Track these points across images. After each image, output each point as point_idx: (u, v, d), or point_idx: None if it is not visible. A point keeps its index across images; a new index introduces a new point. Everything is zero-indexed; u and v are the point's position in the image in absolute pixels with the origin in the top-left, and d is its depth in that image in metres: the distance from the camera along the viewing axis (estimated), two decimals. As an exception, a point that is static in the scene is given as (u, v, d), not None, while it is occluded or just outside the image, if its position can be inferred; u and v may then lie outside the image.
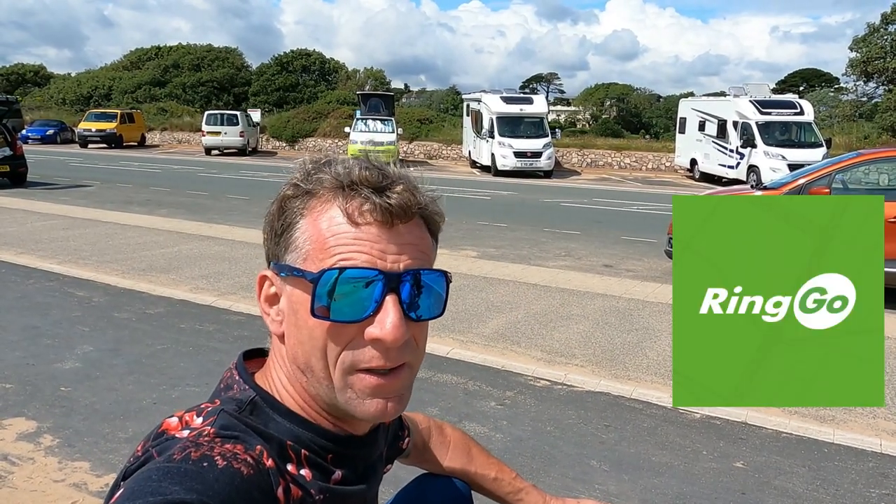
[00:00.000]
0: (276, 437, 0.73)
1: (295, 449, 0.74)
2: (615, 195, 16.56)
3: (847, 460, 3.26)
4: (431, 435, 1.22)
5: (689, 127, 21.42)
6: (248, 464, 0.65)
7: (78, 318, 5.15)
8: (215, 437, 0.68)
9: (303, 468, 0.73)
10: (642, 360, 4.53)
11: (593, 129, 42.41)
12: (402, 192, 0.73)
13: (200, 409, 0.73)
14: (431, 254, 0.78)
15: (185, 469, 0.62)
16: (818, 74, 49.84)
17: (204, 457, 0.64)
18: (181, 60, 42.70)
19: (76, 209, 10.68)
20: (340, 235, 0.70)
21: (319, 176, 0.73)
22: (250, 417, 0.73)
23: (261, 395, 0.76)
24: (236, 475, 0.63)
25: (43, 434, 3.29)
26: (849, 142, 22.25)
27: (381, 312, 0.70)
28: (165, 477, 0.61)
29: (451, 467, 1.22)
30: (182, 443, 0.66)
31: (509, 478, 1.24)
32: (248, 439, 0.69)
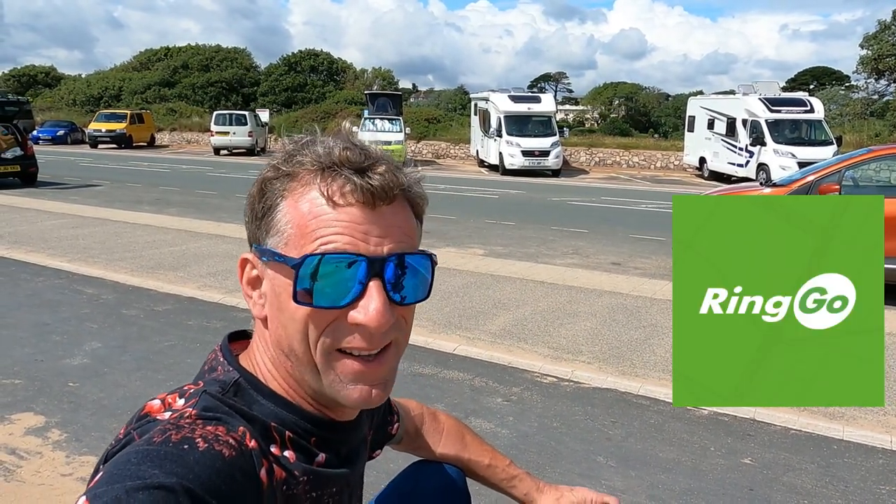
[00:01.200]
0: (259, 418, 0.72)
1: (279, 430, 0.73)
2: (623, 193, 16.50)
3: (857, 457, 3.23)
4: (424, 421, 1.22)
5: (698, 125, 21.32)
6: (229, 445, 0.64)
7: (87, 315, 5.18)
8: (197, 419, 0.67)
9: (287, 449, 0.73)
10: (650, 356, 4.51)
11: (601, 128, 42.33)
12: (384, 172, 0.70)
13: (183, 390, 0.73)
14: (416, 236, 0.75)
15: (164, 452, 0.61)
16: (829, 72, 49.50)
17: (185, 439, 0.63)
18: (190, 61, 42.93)
19: (86, 208, 10.75)
20: (322, 218, 0.68)
21: (300, 157, 0.72)
22: (234, 399, 0.72)
23: (245, 377, 0.75)
24: (217, 457, 0.62)
25: (51, 429, 3.31)
26: (860, 140, 22.08)
27: (364, 297, 0.69)
28: (145, 460, 0.60)
29: (445, 454, 1.22)
30: (163, 425, 0.65)
31: (503, 465, 1.24)
32: (231, 421, 0.68)
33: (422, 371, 4.11)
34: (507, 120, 20.92)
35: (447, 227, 10.30)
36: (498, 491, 1.25)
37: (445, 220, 10.92)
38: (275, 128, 31.31)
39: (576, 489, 1.22)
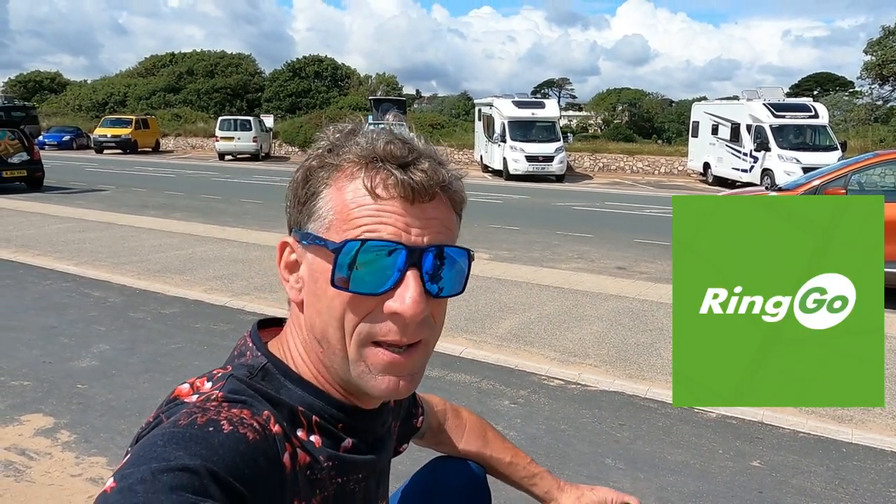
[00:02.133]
0: (286, 402, 0.72)
1: (306, 415, 0.73)
2: (627, 199, 16.50)
3: (866, 460, 3.22)
4: (447, 417, 1.22)
5: (702, 131, 21.33)
6: (253, 429, 0.65)
7: (94, 317, 5.19)
8: (223, 402, 0.67)
9: (313, 434, 0.73)
10: (657, 360, 4.51)
11: (605, 133, 42.32)
12: (426, 169, 0.72)
13: (212, 374, 0.74)
14: (455, 231, 0.77)
15: (190, 434, 0.62)
16: (832, 78, 49.48)
17: (210, 421, 0.63)
18: (195, 67, 43.12)
19: (92, 213, 10.79)
20: (364, 207, 0.70)
21: (346, 147, 0.73)
22: (262, 383, 0.73)
23: (273, 363, 0.75)
24: (241, 440, 0.63)
25: (60, 430, 3.32)
26: (864, 145, 22.05)
27: (401, 286, 0.69)
28: (170, 442, 0.61)
29: (467, 450, 1.22)
30: (189, 408, 0.66)
31: (524, 462, 1.24)
32: (256, 405, 0.69)
33: (429, 373, 4.11)
34: (512, 125, 20.96)
35: (452, 231, 10.31)
36: (518, 489, 1.25)
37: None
38: (279, 133, 31.40)
39: (596, 488, 1.22)
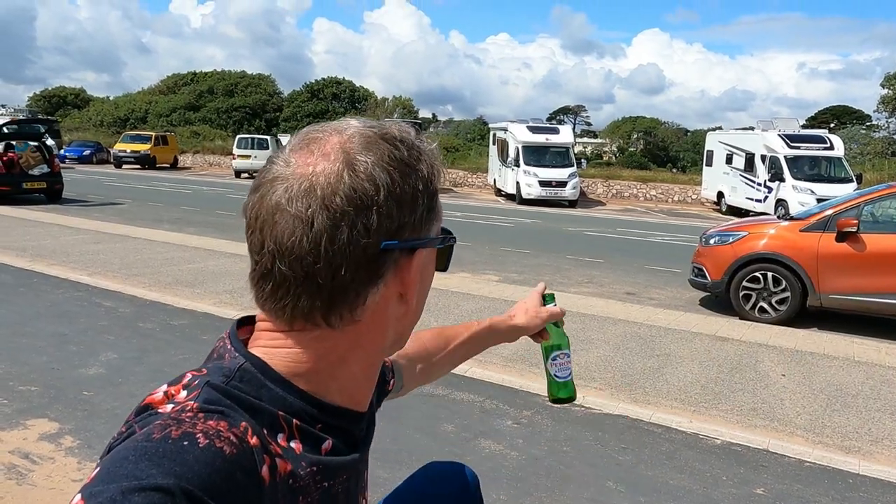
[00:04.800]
0: (266, 408, 0.69)
1: (286, 419, 0.70)
2: (640, 225, 16.47)
3: (873, 492, 3.17)
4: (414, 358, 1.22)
5: (717, 160, 21.31)
6: (230, 442, 0.62)
7: (104, 326, 5.24)
8: (198, 413, 0.64)
9: (293, 440, 0.71)
10: (663, 385, 4.47)
11: (620, 161, 42.36)
12: None
13: (187, 382, 0.70)
14: None
15: (164, 449, 0.59)
16: (849, 111, 49.35)
17: (185, 435, 0.60)
18: (215, 86, 43.82)
19: (107, 225, 10.93)
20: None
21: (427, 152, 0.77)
22: (239, 386, 0.69)
23: (252, 362, 0.72)
24: (218, 455, 0.60)
25: (64, 435, 3.35)
26: (881, 178, 21.88)
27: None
28: (143, 457, 0.58)
29: (441, 362, 1.25)
30: (163, 419, 0.63)
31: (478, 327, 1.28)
32: (233, 415, 0.66)
33: (433, 392, 4.11)
34: (525, 150, 21.06)
35: (462, 252, 10.34)
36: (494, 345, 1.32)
37: (461, 246, 10.95)
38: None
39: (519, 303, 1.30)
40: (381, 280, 0.71)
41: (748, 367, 4.94)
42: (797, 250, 6.67)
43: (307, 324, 0.71)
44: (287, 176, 0.68)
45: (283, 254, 0.67)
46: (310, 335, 0.72)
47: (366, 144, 0.70)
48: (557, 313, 1.29)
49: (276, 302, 0.70)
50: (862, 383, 4.67)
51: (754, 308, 6.81)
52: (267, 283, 0.70)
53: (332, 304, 0.70)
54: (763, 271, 6.79)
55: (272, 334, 0.74)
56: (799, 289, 6.60)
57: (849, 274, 6.42)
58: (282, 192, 0.67)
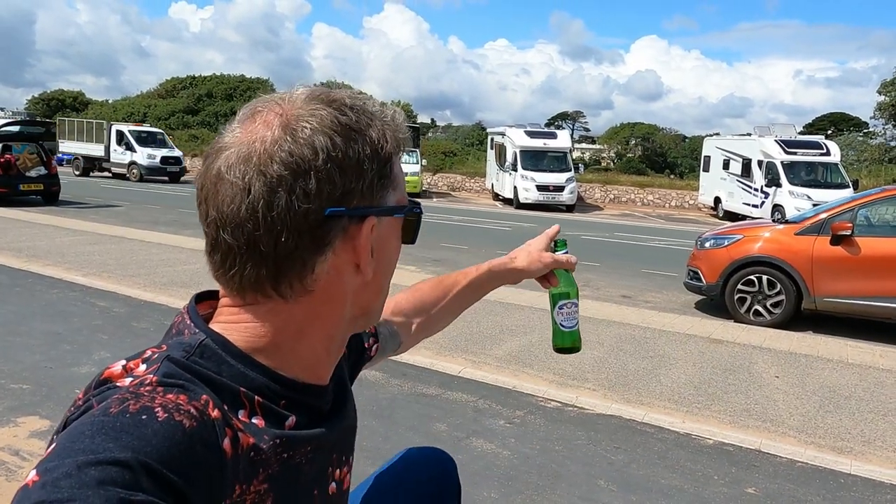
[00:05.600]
0: (227, 384, 0.68)
1: (248, 396, 0.69)
2: (637, 230, 16.49)
3: (864, 491, 3.17)
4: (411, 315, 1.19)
5: (714, 165, 21.36)
6: (190, 415, 0.61)
7: (98, 326, 5.24)
8: (157, 386, 0.63)
9: (255, 416, 0.69)
10: (656, 385, 4.47)
11: (618, 166, 42.44)
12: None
13: (146, 356, 0.68)
14: None
15: (121, 423, 0.57)
16: (846, 118, 49.49)
17: (143, 409, 0.59)
18: (214, 90, 43.87)
19: (104, 227, 10.92)
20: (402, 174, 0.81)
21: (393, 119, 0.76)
22: (199, 361, 0.68)
23: (212, 338, 0.70)
24: (178, 428, 0.59)
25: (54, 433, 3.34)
26: (877, 184, 21.93)
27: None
28: (99, 432, 0.57)
29: (443, 312, 1.23)
30: (121, 393, 0.62)
31: (478, 271, 1.25)
32: (194, 388, 0.65)
33: (425, 391, 4.11)
34: (523, 155, 21.10)
35: (459, 255, 10.36)
36: (496, 287, 1.29)
37: (458, 250, 11.00)
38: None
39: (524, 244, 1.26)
40: (328, 248, 0.70)
41: (742, 369, 4.94)
42: (792, 253, 6.68)
43: (259, 295, 0.71)
44: (229, 144, 0.69)
45: (224, 222, 0.68)
46: (264, 308, 0.72)
47: (309, 111, 0.69)
48: (564, 261, 1.23)
49: (225, 273, 0.70)
50: (855, 385, 4.68)
51: (749, 311, 6.82)
52: (216, 253, 0.70)
53: (280, 272, 0.69)
54: (758, 274, 6.80)
55: (231, 309, 0.73)
56: (794, 292, 6.61)
57: (843, 277, 6.43)
58: (222, 160, 0.68)
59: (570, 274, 1.22)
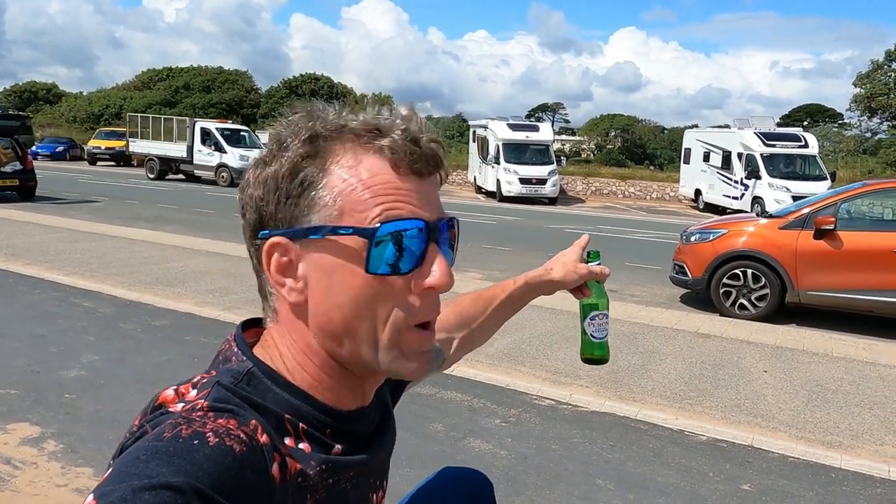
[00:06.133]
0: (273, 409, 0.70)
1: (293, 422, 0.70)
2: (619, 223, 16.60)
3: (855, 486, 3.23)
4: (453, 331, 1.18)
5: (694, 157, 21.56)
6: (240, 440, 0.63)
7: (83, 327, 5.15)
8: (208, 412, 0.65)
9: (301, 441, 0.71)
10: (647, 382, 4.51)
11: (598, 158, 42.67)
12: (434, 143, 0.73)
13: (196, 381, 0.71)
14: None
15: (174, 448, 0.59)
16: (822, 110, 50.18)
17: (195, 434, 0.61)
18: (192, 82, 43.29)
19: (84, 223, 10.74)
20: (380, 186, 0.68)
21: (342, 123, 0.71)
22: (247, 388, 0.70)
23: (259, 367, 0.72)
24: (228, 453, 0.61)
25: (46, 439, 3.28)
26: (853, 176, 22.34)
27: (431, 261, 0.70)
28: (153, 457, 0.58)
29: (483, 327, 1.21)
30: (174, 418, 0.64)
31: (515, 284, 1.24)
32: (243, 413, 0.66)
33: (420, 391, 4.10)
34: (506, 147, 21.11)
35: (445, 250, 10.33)
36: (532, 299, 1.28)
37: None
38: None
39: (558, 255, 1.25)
40: (262, 271, 0.73)
41: (730, 364, 5.01)
42: (776, 248, 6.77)
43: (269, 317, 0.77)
44: None
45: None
46: (275, 330, 0.76)
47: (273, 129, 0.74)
48: (599, 273, 1.23)
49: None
50: (841, 379, 4.76)
51: (734, 305, 6.90)
52: None
53: (261, 293, 0.76)
54: (743, 268, 6.88)
55: (265, 335, 0.77)
56: (778, 285, 6.70)
57: (826, 271, 6.53)
58: None
59: (601, 285, 1.23)
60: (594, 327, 1.22)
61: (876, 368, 5.02)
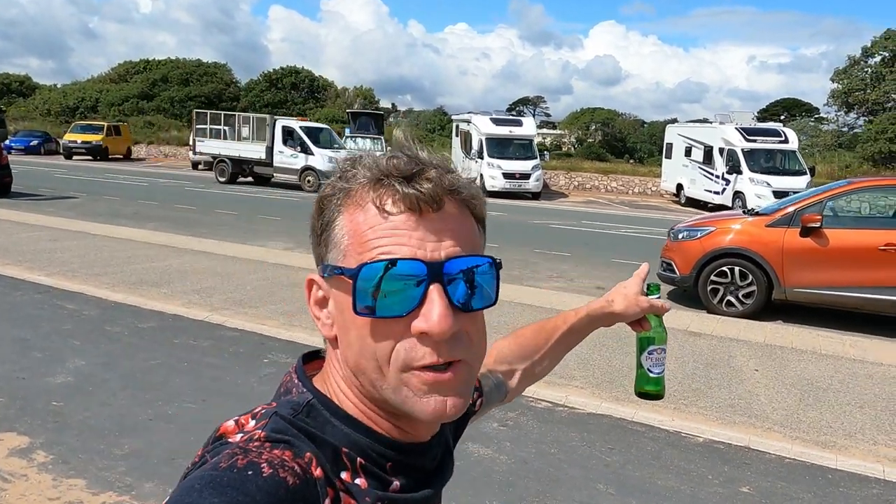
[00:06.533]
0: (331, 442, 0.70)
1: (350, 456, 0.71)
2: (603, 218, 16.67)
3: (851, 486, 3.26)
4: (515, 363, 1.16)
5: (676, 152, 21.69)
6: (294, 473, 0.63)
7: (68, 331, 5.04)
8: (265, 442, 0.66)
9: (358, 477, 0.70)
10: (642, 382, 4.52)
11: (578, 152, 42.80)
12: (432, 177, 0.70)
13: (256, 412, 0.72)
14: (476, 239, 0.74)
15: (228, 478, 0.60)
16: (798, 104, 50.78)
17: (250, 464, 0.62)
18: (170, 74, 42.65)
19: (63, 221, 10.53)
20: (376, 228, 0.68)
21: (354, 171, 0.73)
22: (305, 420, 0.70)
23: (318, 399, 0.73)
24: (281, 485, 0.61)
25: (36, 450, 3.20)
26: (831, 170, 22.68)
27: (426, 304, 0.67)
28: (208, 486, 0.59)
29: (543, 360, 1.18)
30: (231, 448, 0.65)
31: (576, 317, 1.21)
32: (299, 444, 0.67)
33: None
34: (489, 142, 21.09)
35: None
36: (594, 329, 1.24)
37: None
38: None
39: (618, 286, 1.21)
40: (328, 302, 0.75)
41: (722, 363, 5.04)
42: (763, 245, 6.83)
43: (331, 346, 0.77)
44: None
45: None
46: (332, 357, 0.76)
47: None
48: (660, 307, 1.21)
49: None
50: (831, 377, 4.81)
51: (722, 301, 6.95)
52: None
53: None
54: (730, 266, 6.93)
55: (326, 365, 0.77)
56: (765, 283, 6.76)
57: (812, 268, 6.60)
58: None
59: (661, 319, 1.21)
60: (651, 361, 1.20)
61: (864, 366, 5.09)
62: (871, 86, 28.43)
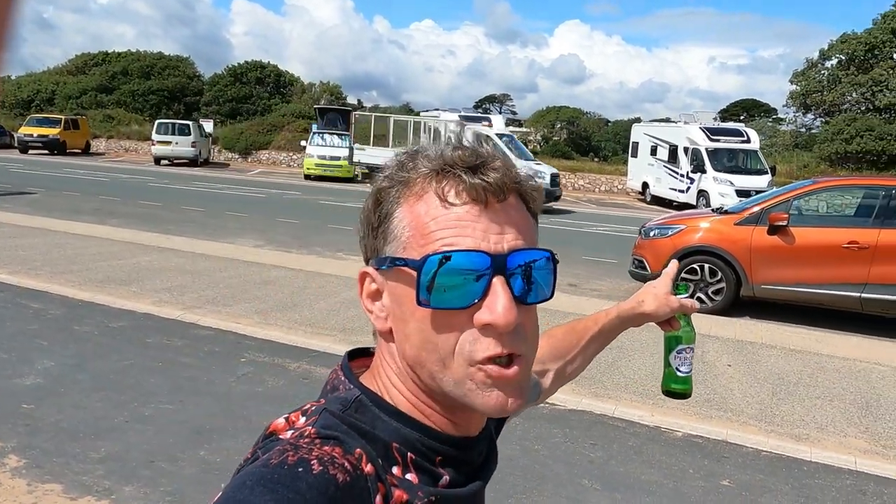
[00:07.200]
0: (381, 438, 0.70)
1: (401, 451, 0.70)
2: (574, 216, 16.84)
3: (826, 478, 3.35)
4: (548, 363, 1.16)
5: (642, 151, 22.02)
6: (344, 469, 0.63)
7: (35, 331, 4.89)
8: (315, 438, 0.65)
9: (409, 472, 0.70)
10: (619, 378, 4.58)
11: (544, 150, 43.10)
12: (498, 168, 0.70)
13: (306, 408, 0.72)
14: (533, 233, 0.74)
15: (278, 475, 0.60)
16: (757, 105, 51.99)
17: (300, 461, 0.62)
18: (130, 67, 41.60)
19: (21, 217, 10.20)
20: (439, 219, 0.68)
21: (413, 163, 0.72)
22: (355, 416, 0.70)
23: (366, 395, 0.73)
24: (331, 482, 0.61)
25: (7, 454, 3.10)
26: (790, 170, 23.29)
27: (490, 295, 0.67)
28: (258, 483, 0.59)
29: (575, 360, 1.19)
30: (282, 445, 0.65)
31: (606, 318, 1.22)
32: (349, 441, 0.67)
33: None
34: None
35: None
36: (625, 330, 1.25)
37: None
38: (219, 139, 30.63)
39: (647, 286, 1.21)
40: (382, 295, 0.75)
41: (696, 358, 5.11)
42: (732, 243, 6.97)
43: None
44: None
45: None
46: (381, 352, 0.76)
47: None
48: (690, 307, 1.22)
49: None
50: (800, 371, 4.94)
51: (692, 298, 7.07)
52: None
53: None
54: (700, 263, 7.06)
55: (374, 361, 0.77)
56: (733, 280, 6.90)
57: (779, 265, 6.77)
58: None
59: (689, 318, 1.21)
60: (680, 361, 1.20)
61: (832, 360, 5.24)
62: (827, 88, 29.27)
